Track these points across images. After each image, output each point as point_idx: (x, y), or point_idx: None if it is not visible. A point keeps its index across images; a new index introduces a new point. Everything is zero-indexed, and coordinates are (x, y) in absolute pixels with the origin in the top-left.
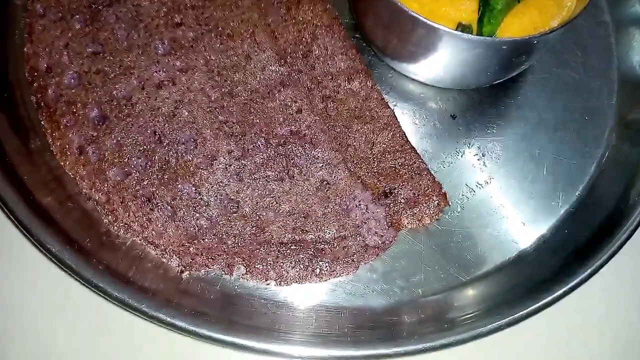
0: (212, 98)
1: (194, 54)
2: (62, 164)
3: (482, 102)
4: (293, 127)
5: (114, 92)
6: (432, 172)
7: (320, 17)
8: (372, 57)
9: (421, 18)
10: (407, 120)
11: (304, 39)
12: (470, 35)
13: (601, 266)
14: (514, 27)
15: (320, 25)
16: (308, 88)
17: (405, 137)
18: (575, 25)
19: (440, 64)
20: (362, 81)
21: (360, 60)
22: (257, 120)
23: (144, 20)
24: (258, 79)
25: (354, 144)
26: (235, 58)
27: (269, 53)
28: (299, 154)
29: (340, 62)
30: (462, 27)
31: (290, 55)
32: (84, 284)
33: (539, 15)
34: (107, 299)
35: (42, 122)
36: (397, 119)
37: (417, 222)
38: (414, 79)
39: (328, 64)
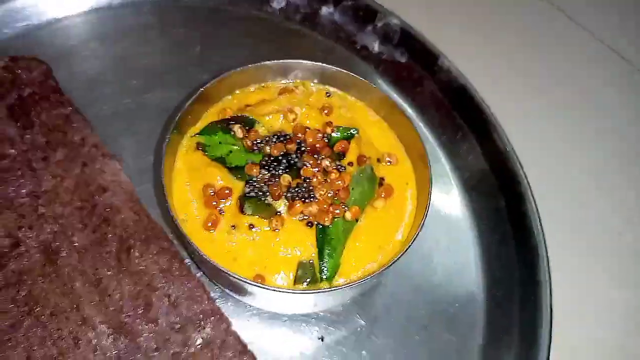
0: None
1: (12, 350)
2: None
3: (350, 312)
4: None
5: None
6: None
7: (156, 261)
8: (222, 292)
9: (253, 285)
10: (275, 353)
11: (141, 291)
12: (310, 290)
13: None
14: (359, 250)
15: (157, 271)
16: (154, 350)
17: None
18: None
19: (294, 305)
20: (214, 326)
21: (210, 300)
22: None
23: None
24: None
25: None
26: (61, 343)
27: (100, 327)
28: None
29: (185, 309)
30: (303, 266)
31: (128, 316)
32: None
33: (383, 231)
34: None
35: None
36: None
37: None
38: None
39: (173, 314)
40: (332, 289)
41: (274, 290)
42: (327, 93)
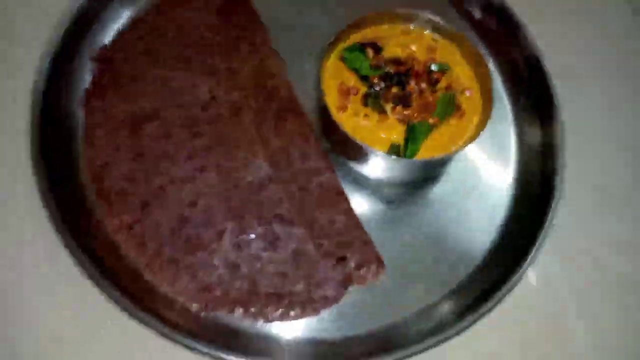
0: (221, 191)
1: (207, 159)
2: (115, 239)
3: (415, 189)
4: (277, 211)
5: (153, 185)
6: (375, 244)
7: (299, 129)
8: (336, 157)
9: (365, 145)
10: (360, 203)
11: (286, 145)
12: (397, 157)
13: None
14: (433, 145)
15: (299, 135)
16: (288, 181)
17: (357, 218)
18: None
19: (382, 169)
20: (328, 176)
21: (327, 160)
22: (252, 207)
23: (172, 134)
24: (253, 176)
25: (320, 222)
26: (238, 162)
27: (261, 158)
28: (280, 231)
29: (312, 162)
30: (394, 147)
31: (276, 157)
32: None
33: (452, 136)
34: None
35: (100, 206)
36: (351, 206)
37: (362, 281)
38: (365, 175)
39: (303, 163)
40: (411, 160)
41: (375, 152)
42: (434, 39)
